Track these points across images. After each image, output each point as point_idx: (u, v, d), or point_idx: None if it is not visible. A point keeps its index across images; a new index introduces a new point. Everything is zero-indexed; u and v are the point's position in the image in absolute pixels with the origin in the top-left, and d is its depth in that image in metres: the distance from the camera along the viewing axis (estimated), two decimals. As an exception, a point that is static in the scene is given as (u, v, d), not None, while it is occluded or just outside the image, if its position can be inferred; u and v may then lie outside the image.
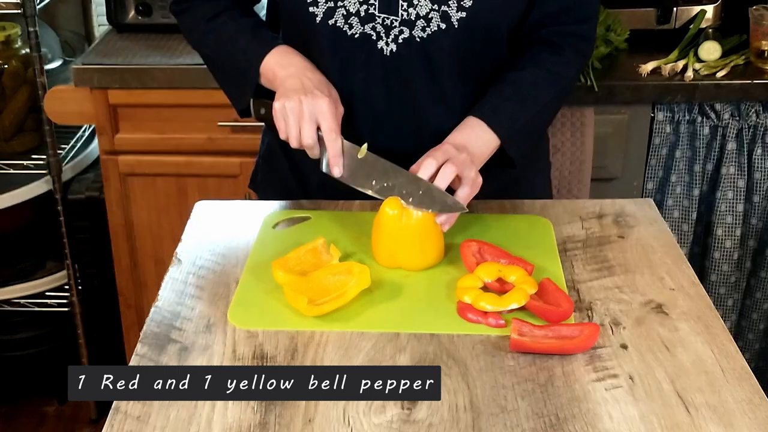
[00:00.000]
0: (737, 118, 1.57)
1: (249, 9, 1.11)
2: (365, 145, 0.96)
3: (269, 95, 1.02)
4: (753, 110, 1.57)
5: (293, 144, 0.97)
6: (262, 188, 1.20)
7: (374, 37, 1.00)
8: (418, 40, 1.00)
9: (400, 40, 1.00)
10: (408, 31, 0.99)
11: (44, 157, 1.72)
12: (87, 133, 1.89)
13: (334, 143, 0.95)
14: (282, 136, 0.98)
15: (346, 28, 1.00)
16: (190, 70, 1.59)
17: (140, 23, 1.74)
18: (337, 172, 0.96)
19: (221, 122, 1.63)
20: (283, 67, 1.00)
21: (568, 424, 0.73)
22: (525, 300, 0.86)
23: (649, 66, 1.58)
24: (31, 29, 1.62)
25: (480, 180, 0.96)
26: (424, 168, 0.93)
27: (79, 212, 1.75)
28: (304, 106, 0.95)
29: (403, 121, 1.05)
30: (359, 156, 0.96)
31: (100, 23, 1.98)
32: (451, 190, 0.95)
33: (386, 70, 1.01)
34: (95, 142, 1.86)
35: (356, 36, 1.00)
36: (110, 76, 1.60)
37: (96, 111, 1.64)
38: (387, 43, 1.00)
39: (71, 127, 1.81)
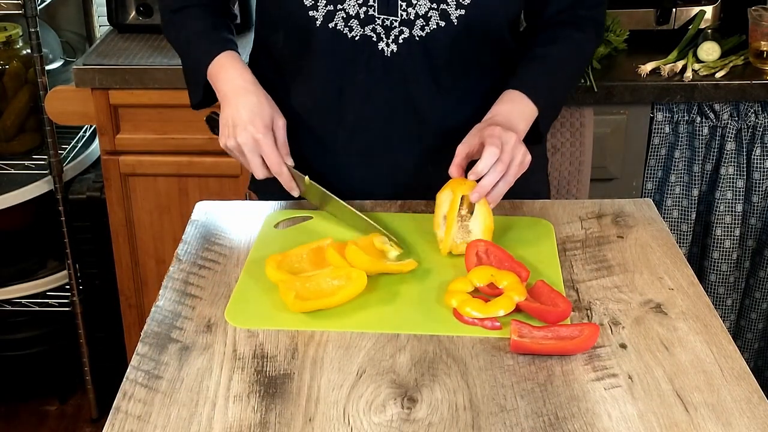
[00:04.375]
0: (736, 119, 1.57)
1: (221, 7, 1.13)
2: (307, 177, 1.01)
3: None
4: (752, 110, 1.57)
5: (257, 176, 1.02)
6: (262, 189, 1.21)
7: (374, 39, 1.00)
8: (418, 39, 1.00)
9: (401, 40, 1.00)
10: (408, 30, 1.00)
11: (45, 157, 1.73)
12: (88, 134, 1.89)
13: (281, 176, 1.01)
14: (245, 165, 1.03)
15: (346, 30, 1.00)
16: (191, 70, 1.59)
17: (141, 24, 1.74)
18: (295, 194, 1.02)
19: (222, 122, 1.63)
20: (222, 83, 1.04)
21: (567, 423, 0.73)
22: (511, 308, 0.86)
23: (649, 66, 1.58)
24: (32, 30, 1.62)
25: (529, 157, 0.97)
26: (486, 160, 0.92)
27: (80, 212, 1.75)
28: (243, 148, 1.00)
29: (404, 120, 1.05)
30: (304, 186, 1.02)
31: (101, 24, 1.98)
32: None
33: (387, 71, 1.02)
34: (96, 143, 1.86)
35: (356, 38, 1.00)
36: (111, 76, 1.60)
37: (97, 111, 1.64)
38: (387, 44, 1.00)
39: (72, 127, 1.81)
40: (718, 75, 1.56)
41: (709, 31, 1.66)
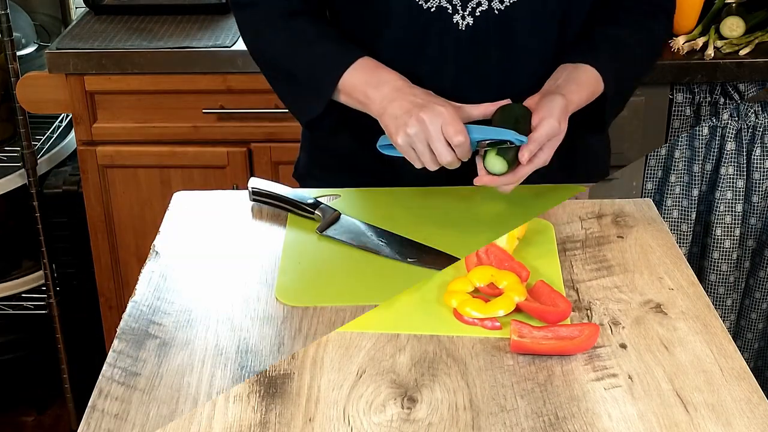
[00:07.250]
0: (736, 119, 1.60)
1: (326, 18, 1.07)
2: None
3: (338, 106, 1.01)
4: (752, 110, 1.60)
5: (431, 168, 0.94)
6: (305, 177, 1.19)
7: (450, 11, 0.99)
8: (497, 12, 0.99)
9: (478, 13, 0.99)
10: (486, 2, 0.99)
11: (18, 149, 1.72)
12: (63, 123, 1.87)
13: (468, 153, 0.93)
14: (417, 165, 0.95)
15: (421, 2, 0.99)
16: (173, 53, 1.57)
17: (119, 5, 1.73)
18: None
19: (206, 109, 1.61)
20: (375, 87, 0.97)
21: (567, 423, 0.76)
22: (511, 308, 0.89)
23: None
24: (1, 12, 1.61)
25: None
26: (543, 134, 0.93)
27: (56, 207, 1.73)
28: (429, 126, 0.91)
29: (469, 101, 1.00)
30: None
31: (77, 5, 1.97)
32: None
33: (459, 47, 1.01)
34: (72, 133, 1.85)
35: (432, 9, 0.99)
36: (87, 61, 1.59)
37: (72, 99, 1.63)
38: (463, 17, 0.99)
39: (46, 116, 1.80)
40: (742, 52, 1.51)
41: (734, 5, 1.59)
